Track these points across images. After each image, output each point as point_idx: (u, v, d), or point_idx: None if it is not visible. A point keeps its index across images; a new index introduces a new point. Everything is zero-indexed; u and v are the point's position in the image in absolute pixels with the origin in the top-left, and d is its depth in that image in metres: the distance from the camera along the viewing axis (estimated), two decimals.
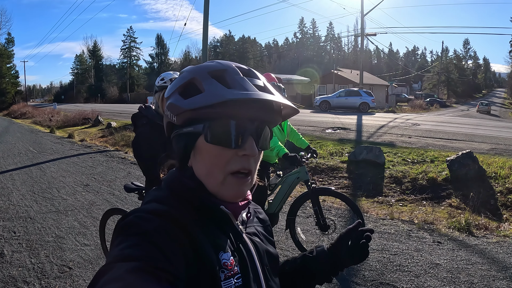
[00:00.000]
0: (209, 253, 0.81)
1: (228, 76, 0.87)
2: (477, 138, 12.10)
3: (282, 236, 5.19)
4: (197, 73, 0.89)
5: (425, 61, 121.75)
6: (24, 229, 5.58)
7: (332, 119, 19.23)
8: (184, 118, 0.88)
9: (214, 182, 0.88)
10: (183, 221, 0.81)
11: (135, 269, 0.65)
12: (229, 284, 0.83)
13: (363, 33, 34.64)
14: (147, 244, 0.71)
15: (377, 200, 7.12)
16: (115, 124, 19.71)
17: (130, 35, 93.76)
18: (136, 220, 0.77)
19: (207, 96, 0.83)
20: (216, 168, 0.87)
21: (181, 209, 0.85)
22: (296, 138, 4.95)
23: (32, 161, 11.48)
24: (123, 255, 0.68)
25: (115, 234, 0.78)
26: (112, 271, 0.65)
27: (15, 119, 36.70)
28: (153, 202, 0.86)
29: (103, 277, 0.64)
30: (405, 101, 56.50)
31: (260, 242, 1.02)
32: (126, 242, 0.72)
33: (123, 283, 0.62)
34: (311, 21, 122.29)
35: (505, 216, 6.11)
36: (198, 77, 0.88)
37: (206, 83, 0.86)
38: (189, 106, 0.85)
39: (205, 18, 16.09)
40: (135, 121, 3.37)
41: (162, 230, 0.75)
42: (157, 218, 0.78)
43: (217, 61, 0.94)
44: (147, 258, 0.68)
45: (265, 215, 1.16)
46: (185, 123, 0.89)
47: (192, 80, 0.89)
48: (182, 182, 0.91)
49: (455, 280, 4.00)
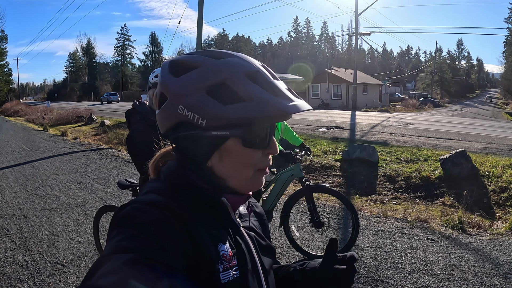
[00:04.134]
0: (208, 244, 0.81)
1: (263, 78, 0.85)
2: (470, 138, 12.17)
3: (276, 233, 5.19)
4: (231, 72, 0.83)
5: (419, 61, 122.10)
6: (17, 227, 5.55)
7: (326, 118, 19.28)
8: (219, 123, 0.82)
9: (243, 179, 0.89)
10: (181, 212, 0.80)
11: (132, 261, 0.64)
12: (227, 275, 0.82)
13: (357, 32, 34.75)
14: (144, 236, 0.70)
15: (371, 198, 7.14)
16: (109, 122, 19.67)
17: (124, 33, 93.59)
18: (134, 211, 0.76)
19: (259, 106, 0.80)
20: (248, 167, 0.88)
21: (179, 201, 0.83)
22: (290, 136, 4.94)
23: (25, 159, 11.42)
24: (120, 247, 0.68)
25: (113, 225, 0.77)
26: (109, 263, 0.64)
27: (8, 117, 36.50)
28: (151, 193, 0.85)
29: (100, 268, 0.64)
30: (399, 100, 56.76)
31: (256, 236, 1.01)
32: (123, 233, 0.71)
33: (120, 275, 0.61)
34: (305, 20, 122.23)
35: (498, 215, 6.16)
36: (233, 78, 0.82)
37: (247, 88, 0.82)
38: (235, 115, 0.81)
39: (199, 17, 16.04)
40: (129, 117, 3.35)
41: (159, 222, 0.74)
42: (155, 209, 0.77)
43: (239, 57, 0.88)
44: (144, 250, 0.67)
45: (262, 209, 1.15)
46: (216, 127, 0.83)
47: (225, 81, 0.82)
48: (183, 175, 0.89)
49: (448, 277, 4.02)
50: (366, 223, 5.73)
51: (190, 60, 0.87)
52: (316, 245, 4.87)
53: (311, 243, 4.91)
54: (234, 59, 0.86)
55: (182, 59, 0.90)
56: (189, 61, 0.87)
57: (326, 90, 46.39)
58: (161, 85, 0.90)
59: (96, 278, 0.62)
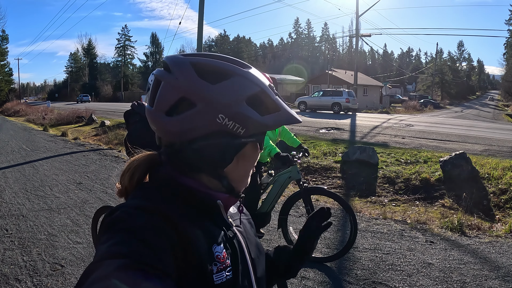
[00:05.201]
0: (200, 247, 0.80)
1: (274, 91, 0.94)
2: (470, 139, 12.16)
3: (274, 235, 5.18)
4: (263, 86, 0.89)
5: (420, 63, 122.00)
6: (16, 227, 5.54)
7: (326, 119, 19.27)
8: (254, 131, 0.88)
9: (246, 180, 0.98)
10: (172, 216, 0.79)
11: (123, 266, 0.64)
12: (221, 277, 0.82)
13: (358, 34, 34.70)
14: (134, 241, 0.70)
15: (370, 200, 7.14)
16: (109, 122, 19.67)
17: (125, 34, 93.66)
18: (124, 215, 0.76)
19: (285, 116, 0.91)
20: (251, 168, 0.97)
21: (170, 204, 0.83)
22: (288, 137, 4.93)
23: (25, 159, 11.42)
24: (110, 252, 0.67)
25: (102, 230, 0.76)
26: (100, 269, 0.64)
27: (8, 117, 36.53)
28: (141, 197, 0.85)
29: (91, 275, 0.63)
30: (399, 102, 56.79)
31: (249, 235, 1.02)
32: (114, 239, 0.71)
33: (112, 281, 0.61)
34: (306, 22, 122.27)
35: (497, 217, 6.14)
36: (265, 90, 0.89)
37: (276, 100, 0.91)
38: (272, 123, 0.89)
39: (200, 17, 16.06)
40: (127, 118, 3.35)
41: (150, 226, 0.74)
42: (145, 213, 0.76)
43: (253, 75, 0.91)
44: (135, 254, 0.67)
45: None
46: (250, 135, 0.88)
47: (259, 94, 0.88)
48: (173, 177, 0.89)
49: (447, 280, 4.02)
50: (365, 225, 5.73)
51: (220, 66, 0.87)
52: None
53: None
54: (256, 70, 0.93)
55: (208, 63, 0.87)
56: (220, 67, 0.86)
57: None
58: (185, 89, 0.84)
59: (87, 285, 0.61)
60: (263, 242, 4.96)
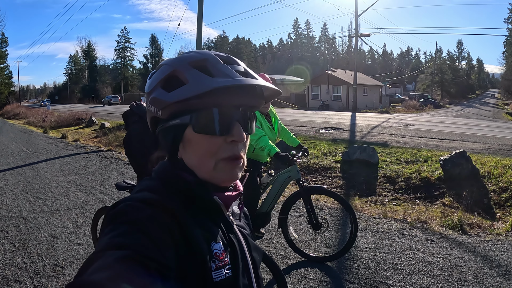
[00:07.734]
0: (201, 243, 0.81)
1: (210, 65, 0.87)
2: (470, 138, 12.16)
3: (274, 235, 5.18)
4: (177, 65, 0.89)
5: (419, 62, 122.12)
6: (16, 229, 5.54)
7: (326, 119, 19.29)
8: (169, 111, 0.87)
9: (206, 170, 0.88)
10: (174, 210, 0.80)
11: (124, 258, 0.64)
12: (220, 274, 0.83)
13: (357, 33, 34.73)
14: (137, 233, 0.70)
15: (371, 199, 7.14)
16: (109, 124, 19.69)
17: (124, 36, 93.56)
18: (127, 208, 0.77)
19: (192, 86, 0.83)
20: (207, 156, 0.87)
21: (172, 199, 0.84)
22: (287, 137, 4.92)
23: (25, 161, 11.42)
24: (112, 244, 0.68)
25: (105, 222, 0.77)
26: (101, 259, 0.64)
27: (8, 119, 36.56)
28: (144, 191, 0.85)
29: (92, 265, 0.63)
30: (399, 101, 56.74)
31: (249, 235, 1.02)
32: (116, 230, 0.71)
33: (112, 271, 0.61)
34: (305, 22, 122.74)
35: (498, 215, 6.14)
36: (179, 68, 0.87)
37: (188, 74, 0.86)
38: (174, 99, 0.84)
39: (199, 19, 16.07)
40: (126, 119, 3.34)
41: (152, 219, 0.74)
42: (148, 207, 0.77)
43: (195, 51, 0.93)
44: (136, 247, 0.67)
45: (246, 210, 1.16)
46: (170, 116, 0.88)
47: (173, 73, 0.88)
48: (173, 172, 0.90)
49: (448, 278, 4.01)
50: (366, 224, 5.72)
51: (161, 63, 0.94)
52: (315, 246, 4.86)
53: (309, 244, 4.89)
54: (186, 54, 0.93)
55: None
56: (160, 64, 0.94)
57: (326, 91, 46.35)
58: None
59: (88, 274, 0.62)
60: (263, 242, 4.96)
